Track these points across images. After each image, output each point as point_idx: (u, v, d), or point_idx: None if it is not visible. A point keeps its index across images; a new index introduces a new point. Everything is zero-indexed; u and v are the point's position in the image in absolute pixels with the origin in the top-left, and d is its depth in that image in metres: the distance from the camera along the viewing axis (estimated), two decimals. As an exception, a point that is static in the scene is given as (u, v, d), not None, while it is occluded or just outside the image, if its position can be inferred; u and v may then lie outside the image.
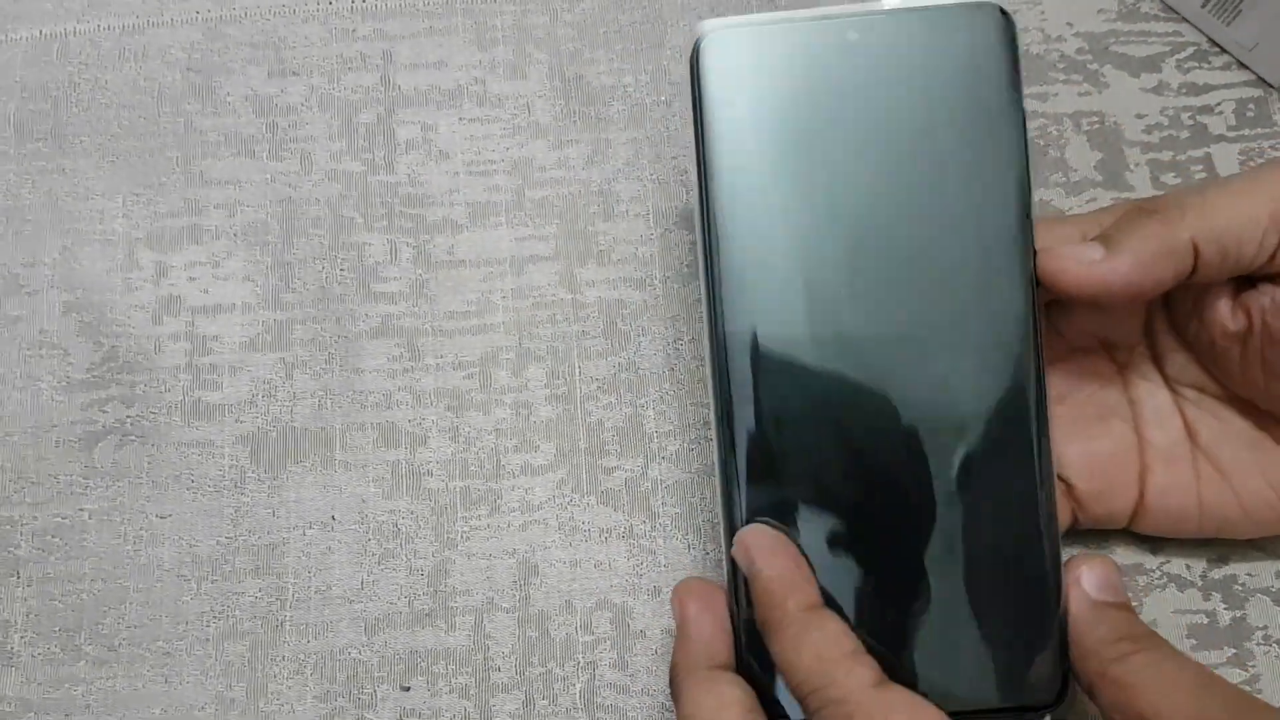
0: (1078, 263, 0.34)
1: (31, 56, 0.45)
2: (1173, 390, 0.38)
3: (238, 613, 0.40)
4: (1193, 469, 0.38)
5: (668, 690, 0.39)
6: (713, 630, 0.34)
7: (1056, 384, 0.38)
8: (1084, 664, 0.33)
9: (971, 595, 0.34)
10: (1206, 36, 0.45)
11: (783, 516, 0.34)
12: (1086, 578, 0.34)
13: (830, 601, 0.33)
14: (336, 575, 0.40)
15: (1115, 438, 0.38)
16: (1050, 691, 0.34)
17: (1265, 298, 0.35)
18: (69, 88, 0.45)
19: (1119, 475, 0.38)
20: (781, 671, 0.32)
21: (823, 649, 0.31)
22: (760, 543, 0.33)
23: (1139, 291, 0.34)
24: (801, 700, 0.31)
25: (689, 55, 0.35)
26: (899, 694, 0.30)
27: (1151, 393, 0.38)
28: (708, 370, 0.35)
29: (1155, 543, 0.40)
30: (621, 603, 0.40)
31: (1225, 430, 0.37)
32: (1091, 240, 0.34)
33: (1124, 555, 0.40)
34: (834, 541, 0.34)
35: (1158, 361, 0.38)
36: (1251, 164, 0.44)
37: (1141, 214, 0.34)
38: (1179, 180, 0.44)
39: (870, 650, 0.32)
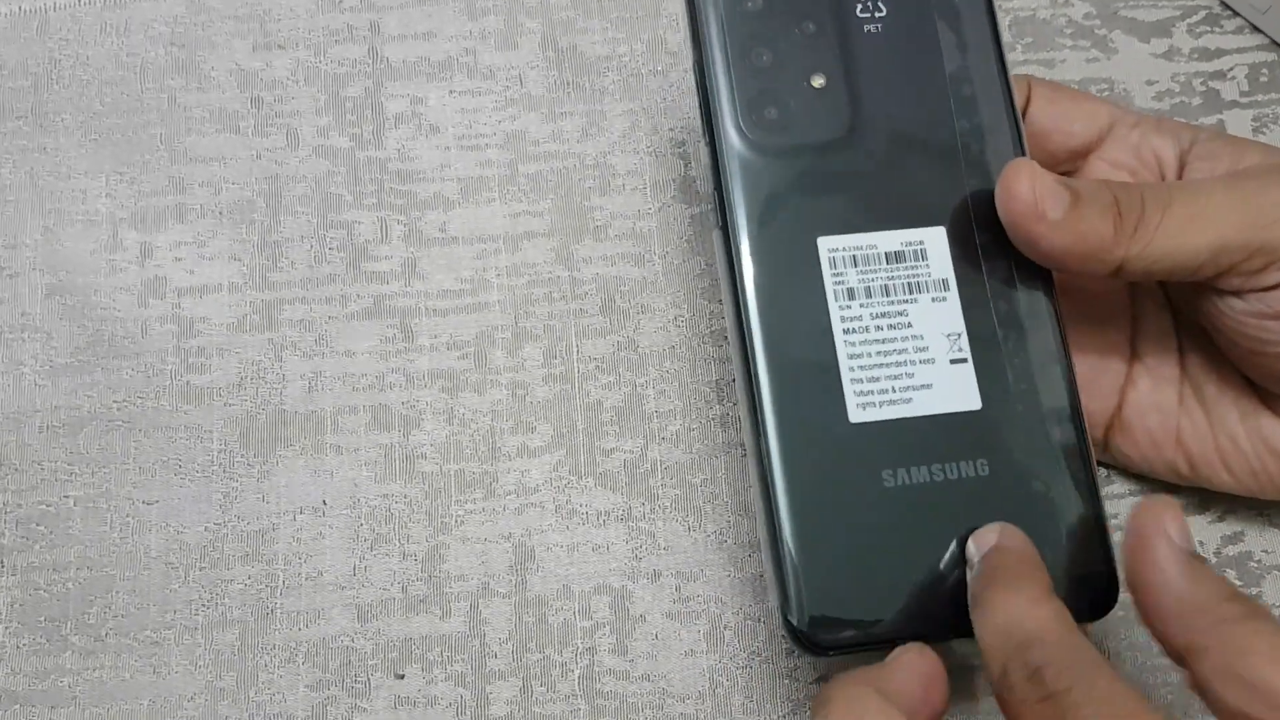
0: (1028, 206, 0.33)
1: (10, 33, 0.44)
2: (1175, 314, 0.38)
3: (227, 600, 0.39)
4: (1177, 395, 0.37)
5: (670, 676, 0.38)
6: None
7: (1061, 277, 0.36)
8: (1186, 622, 0.30)
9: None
10: (1218, -1, 0.44)
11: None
12: (1173, 528, 0.30)
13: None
14: (328, 561, 0.39)
15: (1107, 340, 0.38)
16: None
17: (1209, 303, 0.35)
18: (49, 64, 0.44)
19: (1100, 377, 0.38)
20: (1000, 617, 0.30)
21: (1061, 618, 0.29)
22: (1005, 538, 0.32)
23: (1064, 267, 0.34)
24: (1021, 647, 0.29)
25: None
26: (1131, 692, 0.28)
27: (1155, 310, 0.38)
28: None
29: (1168, 520, 0.39)
30: (621, 586, 0.39)
31: (1216, 369, 0.37)
32: (1063, 188, 0.33)
33: (1136, 533, 0.39)
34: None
35: (1165, 284, 0.38)
36: (1265, 131, 0.43)
37: (1105, 207, 0.33)
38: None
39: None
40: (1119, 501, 0.39)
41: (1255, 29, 0.44)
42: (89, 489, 0.40)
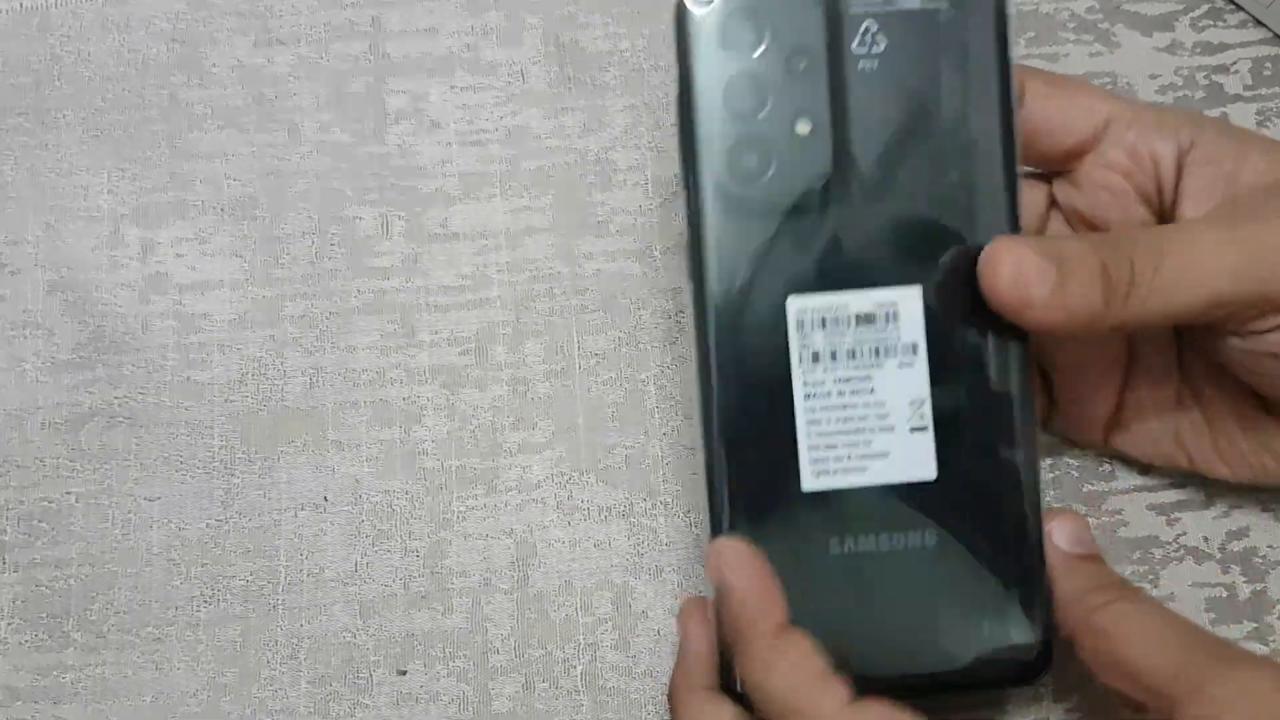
0: (1013, 290, 0.32)
1: (11, 30, 0.44)
2: None
3: (229, 597, 0.39)
4: (1175, 395, 0.37)
5: (670, 673, 0.38)
6: (710, 649, 0.33)
7: None
8: (1064, 614, 0.33)
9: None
10: (1221, -7, 0.44)
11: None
12: (1058, 533, 0.33)
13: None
14: (330, 557, 0.39)
15: (1106, 341, 0.37)
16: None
17: (1206, 335, 0.34)
18: (50, 61, 0.44)
19: (1099, 378, 0.37)
20: (751, 695, 0.31)
21: (793, 672, 0.30)
22: (731, 558, 0.32)
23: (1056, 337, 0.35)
24: (778, 714, 0.30)
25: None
26: (871, 709, 0.30)
27: None
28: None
29: (1171, 514, 0.39)
30: (623, 582, 0.39)
31: (1214, 373, 0.36)
32: (1048, 264, 0.32)
33: (1138, 527, 0.39)
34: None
35: None
36: (1269, 125, 0.43)
37: (1093, 276, 0.32)
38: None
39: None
40: (1123, 497, 0.39)
41: (1258, 23, 0.44)
42: (91, 485, 0.40)
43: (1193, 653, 0.30)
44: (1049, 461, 0.40)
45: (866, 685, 0.31)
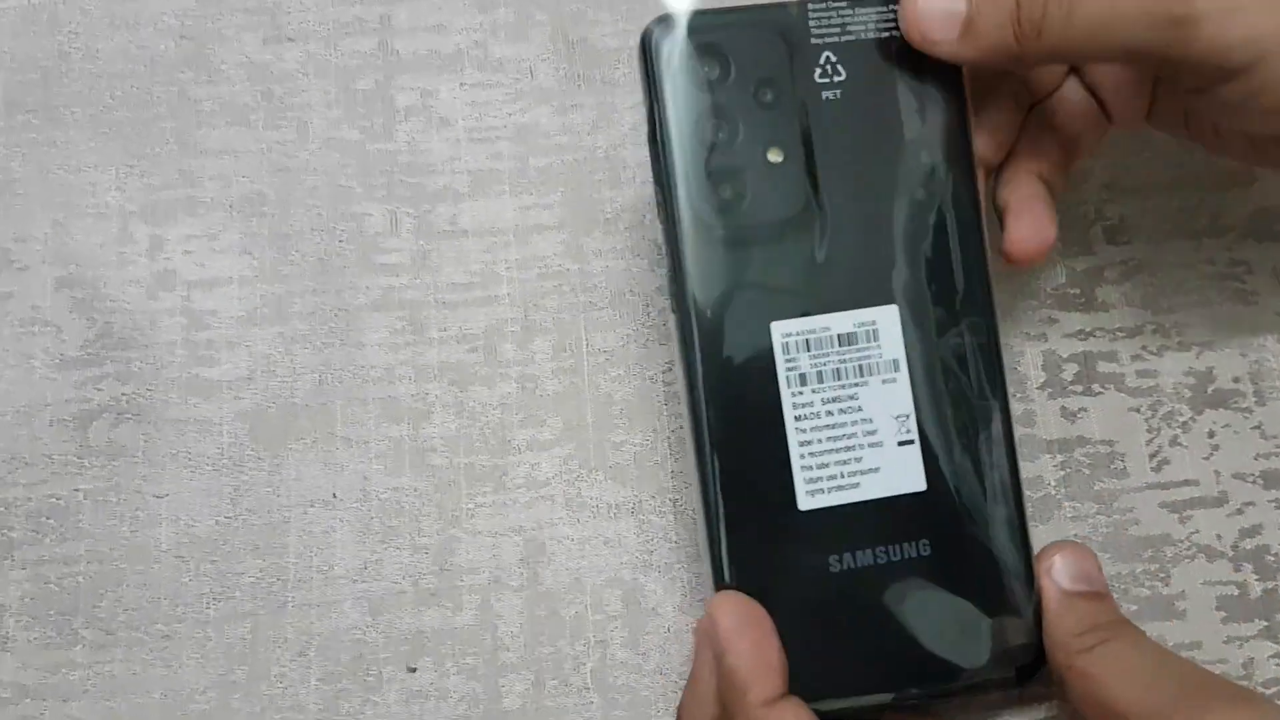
0: (920, 34, 0.33)
1: (20, 26, 0.44)
2: None
3: (238, 594, 0.39)
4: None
5: (683, 670, 0.38)
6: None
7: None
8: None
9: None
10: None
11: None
12: (1059, 568, 0.34)
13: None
14: (339, 555, 0.39)
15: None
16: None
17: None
18: (59, 58, 0.44)
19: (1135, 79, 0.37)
20: None
21: None
22: (728, 620, 0.32)
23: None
24: None
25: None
26: None
27: None
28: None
29: (1184, 512, 0.39)
30: (633, 580, 0.39)
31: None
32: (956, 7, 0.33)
33: (1150, 525, 0.39)
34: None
35: None
36: None
37: (1004, 17, 0.33)
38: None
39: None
40: (1135, 495, 0.39)
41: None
42: (99, 482, 0.40)
43: (1172, 693, 0.31)
44: (1060, 459, 0.40)
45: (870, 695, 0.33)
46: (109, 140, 0.43)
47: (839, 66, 0.35)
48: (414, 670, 0.38)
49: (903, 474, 0.34)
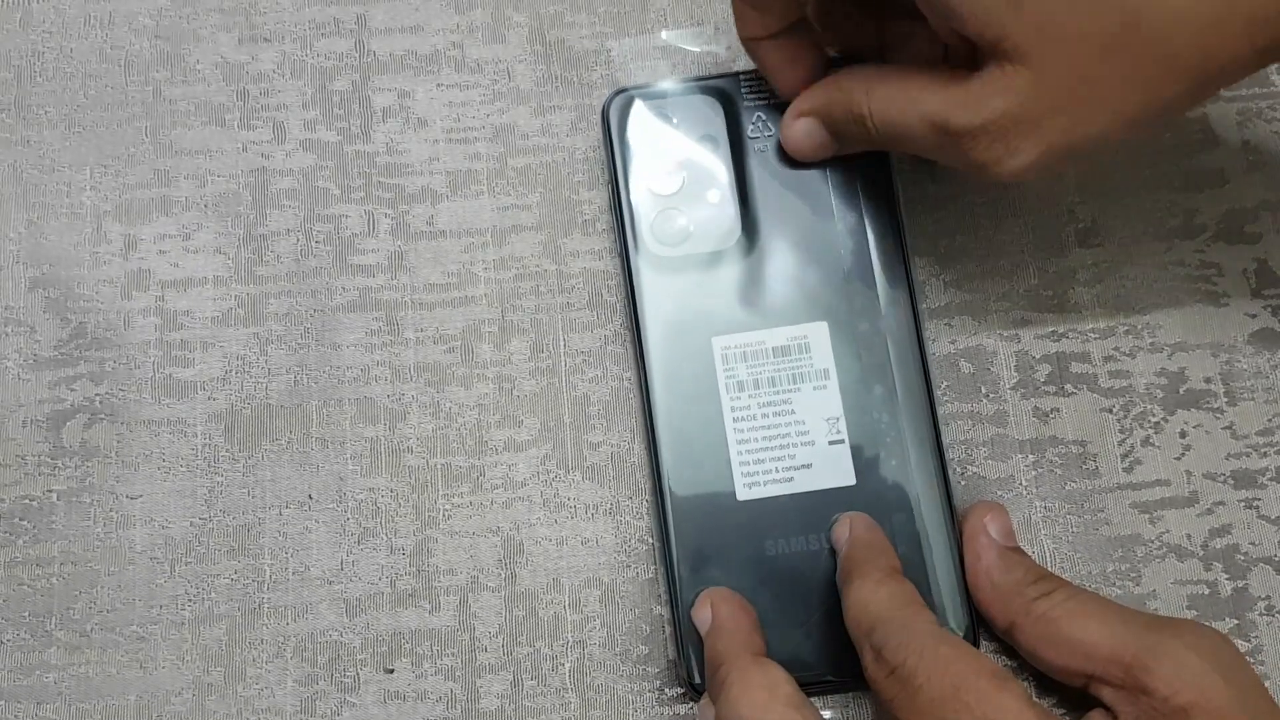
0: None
1: (-8, 24, 0.44)
2: None
3: (213, 595, 0.38)
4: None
5: (659, 673, 0.38)
6: (750, 624, 0.36)
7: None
8: (1004, 605, 0.36)
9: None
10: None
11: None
12: (992, 526, 0.37)
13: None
14: (315, 556, 0.39)
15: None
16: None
17: None
18: (33, 57, 0.44)
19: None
20: (853, 603, 0.34)
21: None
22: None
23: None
24: (869, 628, 0.33)
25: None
26: None
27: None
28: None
29: (1154, 513, 0.39)
30: (610, 580, 0.39)
31: None
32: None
33: (1121, 525, 0.39)
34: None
35: None
36: (1249, 125, 0.43)
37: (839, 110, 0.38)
38: (1171, 139, 0.43)
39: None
40: (1106, 496, 0.40)
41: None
42: (72, 483, 0.39)
43: (1136, 624, 0.33)
44: (1032, 459, 0.40)
45: (809, 669, 0.36)
46: (83, 140, 0.43)
47: (768, 124, 0.41)
48: (391, 671, 0.38)
49: (834, 470, 0.38)
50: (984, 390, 0.41)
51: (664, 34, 0.44)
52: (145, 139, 0.43)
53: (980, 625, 0.37)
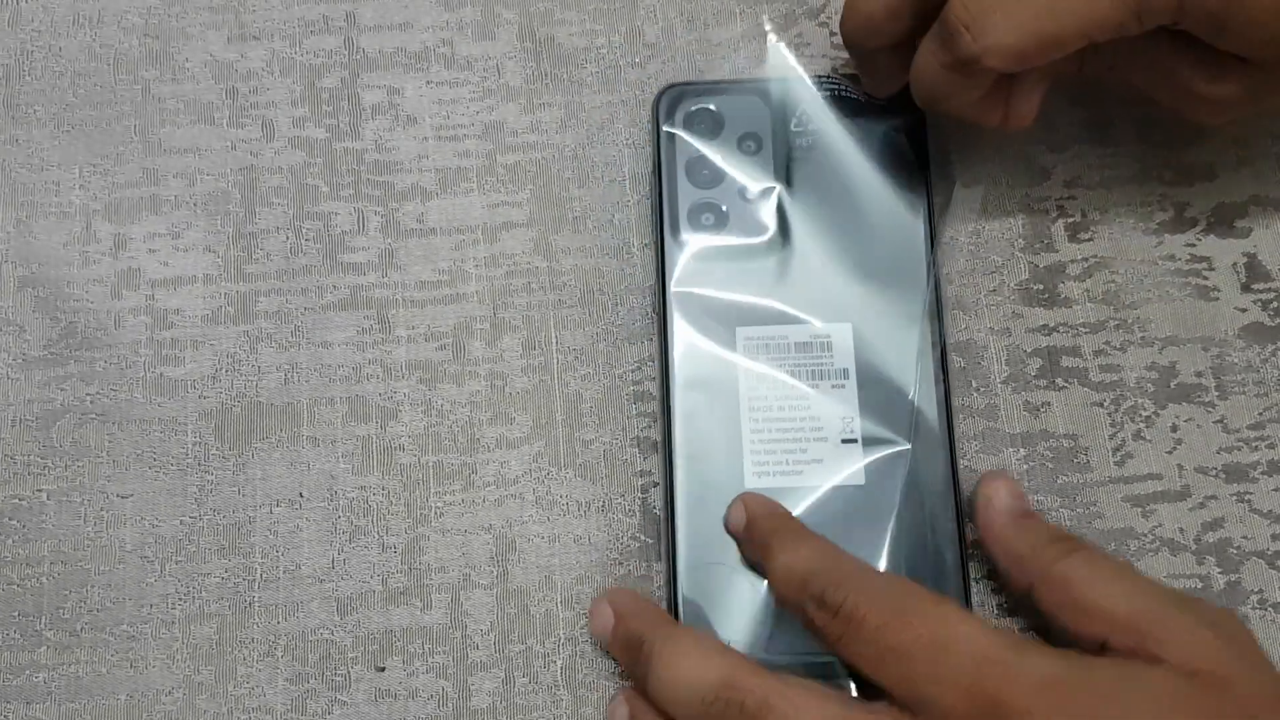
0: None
1: (-19, 23, 0.44)
2: None
3: (204, 594, 0.38)
4: None
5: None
6: (656, 606, 0.37)
7: None
8: (1021, 569, 0.36)
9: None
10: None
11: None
12: (1001, 494, 0.37)
13: None
14: (306, 554, 0.39)
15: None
16: None
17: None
18: (21, 55, 0.44)
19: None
20: (779, 568, 0.35)
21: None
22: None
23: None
24: (801, 584, 0.34)
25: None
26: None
27: None
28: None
29: (1147, 506, 0.39)
30: (602, 577, 0.39)
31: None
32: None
33: (1114, 519, 0.39)
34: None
35: None
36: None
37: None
38: (1160, 134, 0.43)
39: None
40: (1098, 490, 0.40)
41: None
42: (62, 483, 0.39)
43: (1155, 594, 0.33)
44: (1023, 453, 0.40)
45: (793, 648, 0.36)
46: (72, 138, 0.43)
47: (811, 124, 0.41)
48: (382, 669, 0.38)
49: (844, 468, 0.38)
50: (975, 384, 0.41)
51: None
52: (134, 137, 0.43)
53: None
